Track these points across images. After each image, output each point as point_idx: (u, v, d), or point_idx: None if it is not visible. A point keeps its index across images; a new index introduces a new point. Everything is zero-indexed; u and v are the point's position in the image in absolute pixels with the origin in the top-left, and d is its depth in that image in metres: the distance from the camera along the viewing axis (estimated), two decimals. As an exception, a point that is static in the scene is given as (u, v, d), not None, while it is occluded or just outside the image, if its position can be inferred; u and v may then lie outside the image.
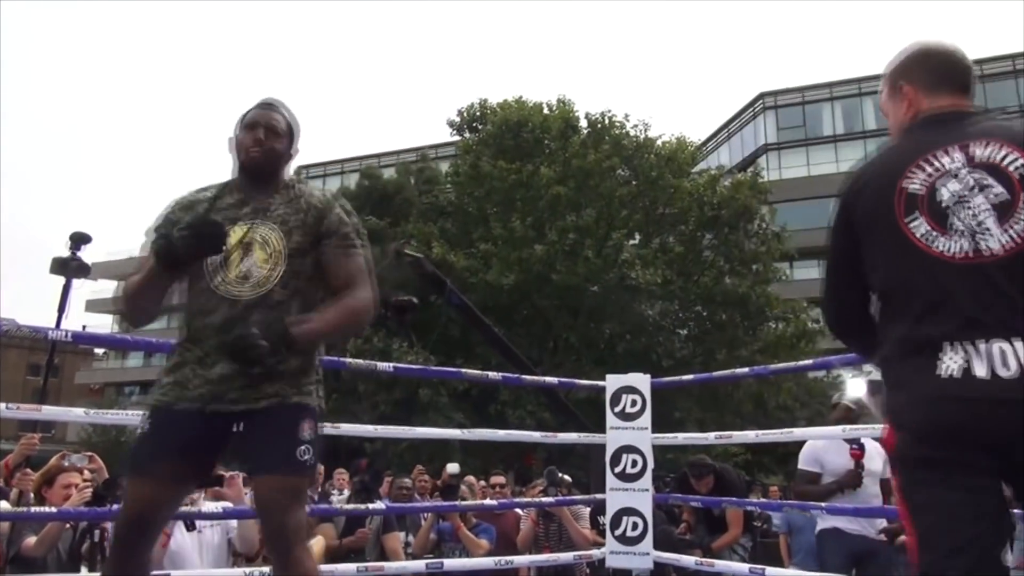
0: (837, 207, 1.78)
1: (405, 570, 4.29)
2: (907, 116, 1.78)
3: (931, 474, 1.50)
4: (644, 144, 18.90)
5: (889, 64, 1.86)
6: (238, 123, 2.31)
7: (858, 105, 32.56)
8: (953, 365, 1.49)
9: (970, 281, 1.53)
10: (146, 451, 2.12)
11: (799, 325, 18.21)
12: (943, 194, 1.59)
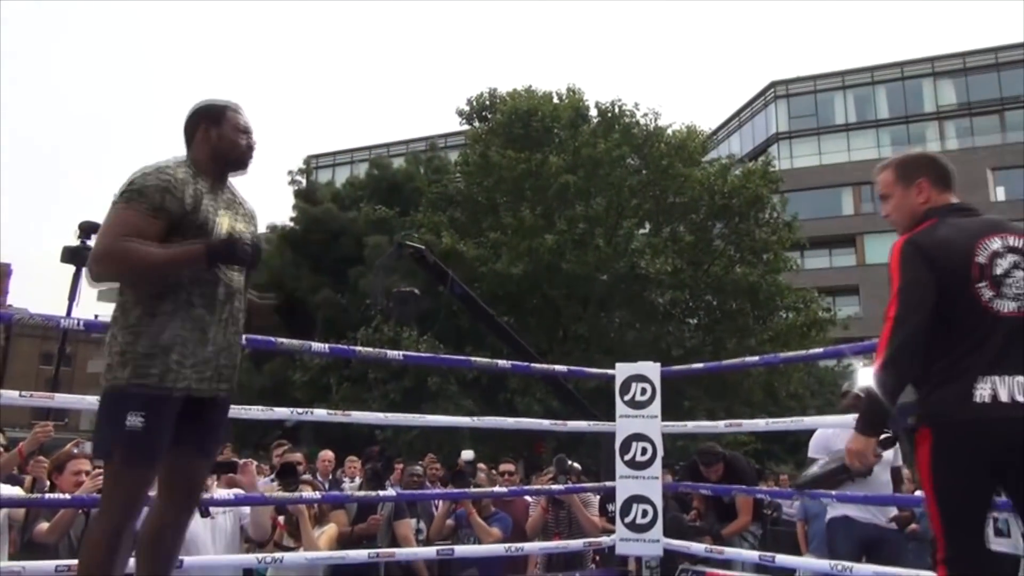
0: (919, 252, 2.20)
1: (416, 556, 4.32)
2: (921, 203, 2.35)
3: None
4: (654, 133, 18.80)
5: (899, 160, 2.45)
6: (219, 118, 2.45)
7: (870, 94, 32.32)
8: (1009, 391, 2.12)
9: (1008, 332, 2.14)
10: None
11: (810, 314, 18.13)
12: (998, 269, 2.18)
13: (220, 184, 2.45)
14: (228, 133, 2.44)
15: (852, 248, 30.56)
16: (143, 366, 2.21)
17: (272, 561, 3.63)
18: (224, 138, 2.43)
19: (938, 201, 2.34)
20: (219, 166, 2.44)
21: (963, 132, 30.77)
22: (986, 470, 2.12)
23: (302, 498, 3.91)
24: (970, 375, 2.11)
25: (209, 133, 2.42)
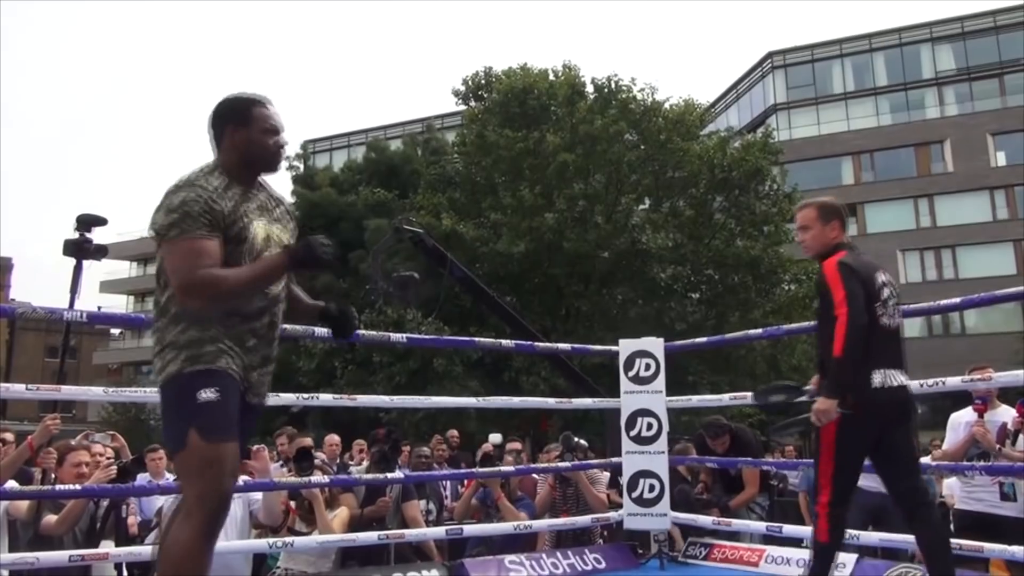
0: (852, 271, 2.96)
1: (425, 536, 4.36)
2: (833, 237, 3.16)
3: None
4: (651, 108, 18.70)
5: (819, 203, 3.24)
6: (246, 119, 2.32)
7: (868, 61, 32.07)
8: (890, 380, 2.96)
9: (894, 341, 3.06)
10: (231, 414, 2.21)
11: (812, 286, 18.11)
12: (884, 295, 3.03)
13: (252, 187, 2.35)
14: (256, 137, 2.31)
15: (853, 218, 30.43)
16: (196, 351, 2.16)
17: (284, 545, 3.66)
18: (253, 143, 2.31)
19: (842, 238, 3.17)
20: (250, 171, 2.34)
21: (963, 97, 30.54)
22: (873, 435, 2.98)
23: (311, 482, 3.93)
24: (868, 368, 2.90)
25: (236, 137, 2.31)
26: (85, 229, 3.48)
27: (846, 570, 3.48)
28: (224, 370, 2.17)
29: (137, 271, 44.05)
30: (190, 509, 2.05)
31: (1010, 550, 3.21)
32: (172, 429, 2.17)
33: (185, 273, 2.14)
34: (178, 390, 2.16)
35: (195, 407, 2.10)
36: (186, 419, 2.11)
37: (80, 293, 3.52)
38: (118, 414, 30.47)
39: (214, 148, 2.35)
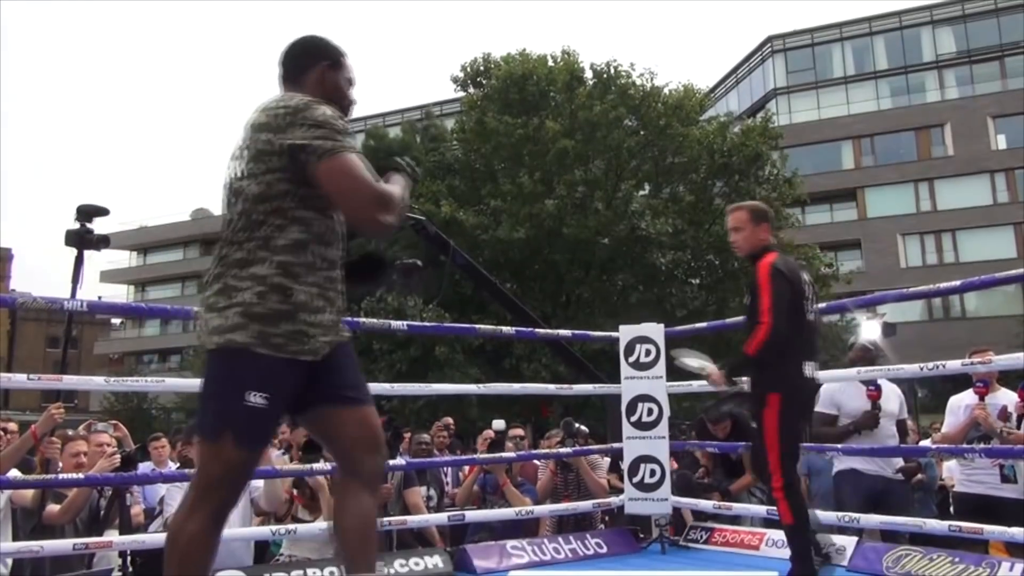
0: (782, 274, 3.17)
1: (427, 522, 4.38)
2: (763, 239, 3.36)
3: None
4: (651, 93, 18.62)
5: (751, 206, 3.49)
6: (339, 63, 2.23)
7: (869, 45, 31.91)
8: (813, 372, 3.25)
9: (815, 335, 3.31)
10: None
11: (812, 270, 18.12)
12: (808, 294, 3.29)
13: None
14: (343, 84, 2.21)
15: (853, 202, 30.41)
16: (270, 327, 1.91)
17: (286, 533, 3.68)
18: (339, 88, 2.20)
19: (770, 239, 3.40)
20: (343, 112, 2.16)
21: (963, 80, 30.40)
22: (804, 420, 3.36)
23: (312, 470, 3.95)
24: (800, 359, 3.19)
25: (326, 76, 2.17)
26: (86, 219, 3.48)
27: (846, 553, 3.50)
28: (292, 359, 1.94)
29: (137, 260, 44.05)
30: (199, 498, 1.93)
31: (1010, 532, 3.22)
32: (209, 417, 1.96)
33: (369, 186, 1.95)
34: (229, 372, 1.93)
35: (239, 409, 1.89)
36: (226, 420, 1.92)
37: (82, 283, 3.52)
38: (120, 404, 30.57)
39: (290, 79, 2.17)
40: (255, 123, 2.01)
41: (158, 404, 31.21)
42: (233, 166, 2.03)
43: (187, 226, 42.56)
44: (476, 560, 3.60)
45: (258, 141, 1.97)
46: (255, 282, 1.93)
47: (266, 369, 1.91)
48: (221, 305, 1.93)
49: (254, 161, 1.97)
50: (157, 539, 3.39)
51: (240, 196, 1.98)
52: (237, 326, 1.90)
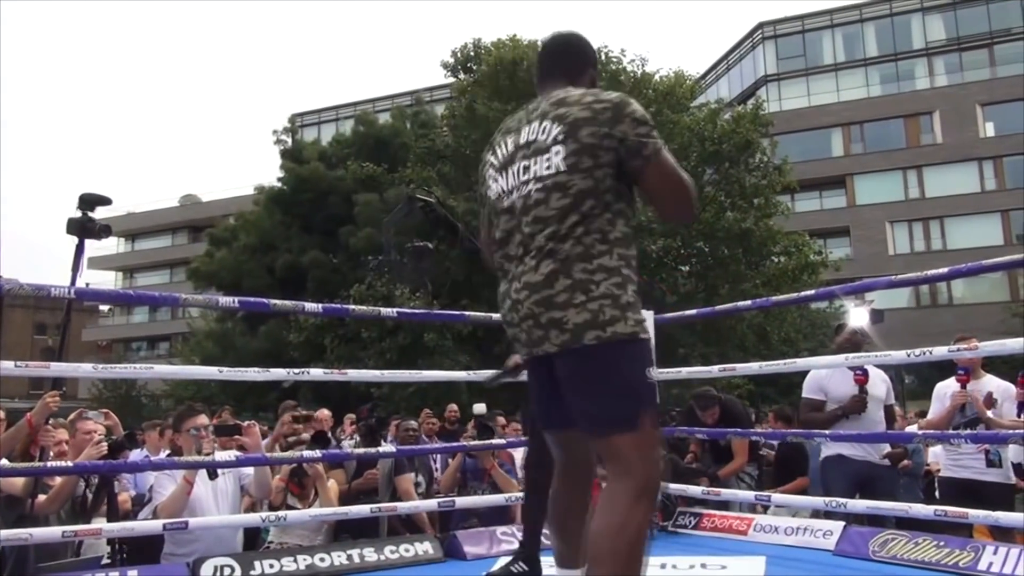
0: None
1: (418, 509, 4.39)
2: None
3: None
4: (641, 80, 18.60)
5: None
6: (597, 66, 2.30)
7: (859, 32, 31.93)
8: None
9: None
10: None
11: (801, 258, 18.18)
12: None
13: None
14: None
15: (842, 189, 30.52)
16: (636, 315, 1.93)
17: (276, 520, 3.69)
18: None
19: None
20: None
21: (952, 68, 30.48)
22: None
23: (302, 457, 3.95)
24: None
25: (595, 80, 2.20)
26: (88, 208, 3.48)
27: (833, 537, 3.53)
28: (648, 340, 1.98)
29: (125, 247, 43.80)
30: (641, 492, 1.86)
31: (994, 515, 3.26)
32: (619, 404, 1.89)
33: (689, 185, 2.02)
34: (630, 358, 1.91)
35: (649, 387, 1.92)
36: (639, 399, 1.90)
37: (82, 271, 3.52)
38: (108, 391, 30.45)
39: (568, 76, 2.14)
40: (570, 117, 1.95)
41: (147, 391, 31.11)
42: (538, 160, 1.97)
43: (175, 212, 42.32)
44: (466, 546, 3.61)
45: (582, 135, 1.92)
46: (608, 274, 1.91)
47: (649, 352, 1.98)
48: (579, 300, 1.88)
49: (579, 155, 1.92)
50: (145, 526, 3.39)
51: (563, 190, 1.92)
52: (615, 318, 1.89)
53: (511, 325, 2.04)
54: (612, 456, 1.91)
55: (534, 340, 1.97)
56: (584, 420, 1.97)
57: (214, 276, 22.89)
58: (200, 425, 3.69)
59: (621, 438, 1.89)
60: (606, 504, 1.88)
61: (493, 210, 2.10)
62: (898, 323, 18.55)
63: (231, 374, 3.76)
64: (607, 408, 1.91)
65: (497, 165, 2.10)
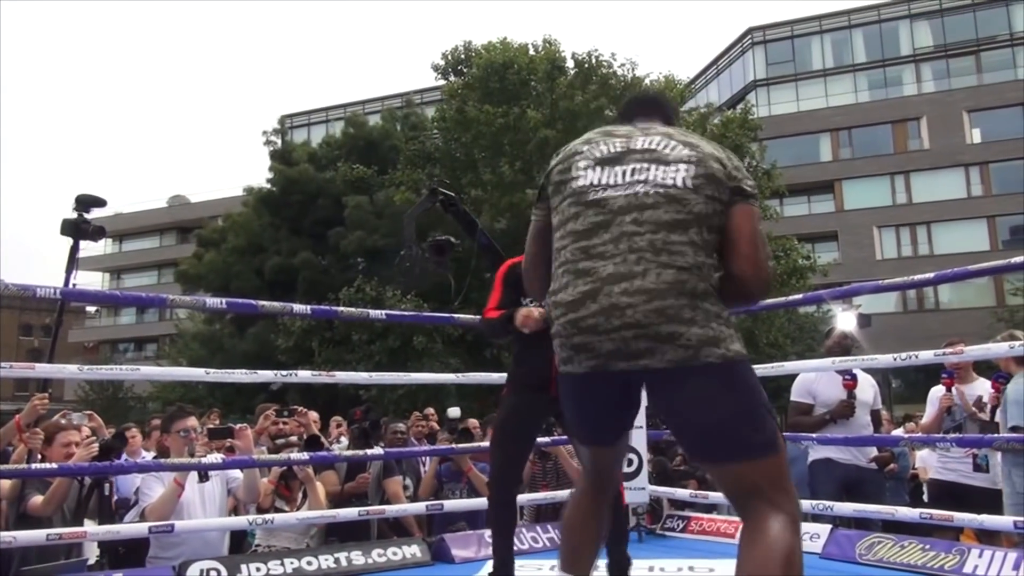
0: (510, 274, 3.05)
1: (406, 512, 4.37)
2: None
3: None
4: (632, 83, 18.66)
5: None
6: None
7: (848, 38, 32.13)
8: None
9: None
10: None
11: (790, 262, 18.27)
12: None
13: None
14: None
15: (831, 194, 30.69)
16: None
17: (264, 523, 3.67)
18: None
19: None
20: None
21: (939, 74, 30.72)
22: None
23: (290, 459, 3.93)
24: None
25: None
26: (83, 209, 3.48)
27: (820, 540, 3.54)
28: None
29: (113, 248, 43.50)
30: (796, 520, 1.79)
31: (979, 519, 3.28)
32: (761, 426, 1.80)
33: (769, 254, 1.98)
34: (754, 377, 1.86)
35: (770, 407, 1.86)
36: (770, 419, 1.83)
37: (76, 272, 3.52)
38: (95, 393, 30.23)
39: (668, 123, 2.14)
40: (700, 147, 1.93)
41: (133, 393, 30.90)
42: (659, 167, 1.89)
43: (163, 213, 42.10)
44: (455, 550, 3.61)
45: (711, 165, 1.88)
46: (716, 296, 1.85)
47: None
48: (698, 317, 1.79)
49: (705, 180, 1.86)
50: (131, 529, 3.37)
51: (681, 204, 1.84)
52: (733, 337, 1.83)
53: (593, 332, 1.81)
54: (747, 484, 1.80)
55: (631, 352, 1.79)
56: (704, 444, 1.86)
57: (202, 278, 22.79)
58: (190, 427, 3.67)
59: (765, 462, 1.80)
60: (764, 535, 1.74)
61: (575, 200, 1.93)
62: (885, 327, 18.64)
63: (218, 376, 3.75)
64: (744, 432, 1.80)
65: (596, 158, 1.95)
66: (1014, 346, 3.47)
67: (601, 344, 1.81)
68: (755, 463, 1.79)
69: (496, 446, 3.02)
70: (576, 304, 1.83)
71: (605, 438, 2.06)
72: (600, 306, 1.80)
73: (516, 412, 2.95)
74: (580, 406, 1.99)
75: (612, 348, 1.80)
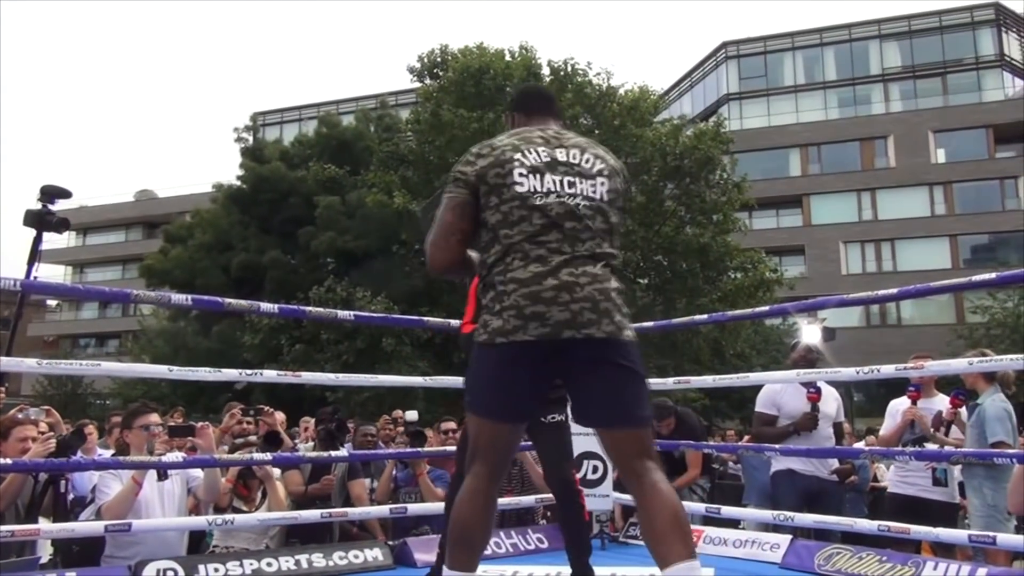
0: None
1: (369, 515, 4.34)
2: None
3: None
4: (606, 93, 18.74)
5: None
6: None
7: (819, 55, 32.68)
8: None
9: None
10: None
11: (757, 275, 18.47)
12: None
13: None
14: None
15: (799, 209, 31.13)
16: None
17: (223, 523, 3.61)
18: None
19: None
20: None
21: (907, 94, 31.36)
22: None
23: (252, 459, 3.88)
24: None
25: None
26: (48, 200, 3.42)
27: (780, 550, 3.58)
28: None
29: (76, 241, 42.69)
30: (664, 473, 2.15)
31: (935, 532, 3.34)
32: (646, 399, 2.17)
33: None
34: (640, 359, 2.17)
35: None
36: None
37: (38, 264, 3.45)
38: (53, 388, 29.61)
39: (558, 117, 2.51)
40: (608, 161, 2.32)
41: (93, 390, 30.32)
42: (584, 181, 2.23)
43: (130, 207, 41.43)
44: (417, 553, 3.59)
45: (617, 181, 2.31)
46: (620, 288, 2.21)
47: None
48: (621, 301, 2.16)
49: (616, 195, 2.28)
50: (87, 527, 3.30)
51: (604, 216, 2.23)
52: (629, 325, 2.16)
53: (550, 303, 2.07)
54: (646, 446, 2.13)
55: (580, 322, 2.06)
56: (619, 410, 2.11)
57: (168, 274, 22.44)
58: (152, 423, 3.61)
59: (647, 431, 2.16)
60: (665, 487, 2.06)
61: (521, 204, 2.18)
62: (849, 341, 18.96)
63: (182, 373, 3.69)
64: (642, 402, 2.14)
65: (529, 166, 2.21)
66: (973, 362, 3.54)
67: (555, 314, 2.06)
68: (646, 430, 2.14)
69: (461, 455, 3.05)
70: (533, 280, 2.09)
71: (522, 413, 2.21)
72: (558, 282, 2.08)
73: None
74: (512, 377, 2.13)
75: (564, 318, 2.06)
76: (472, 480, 2.18)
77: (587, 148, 2.30)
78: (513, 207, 2.18)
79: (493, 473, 2.20)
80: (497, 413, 2.17)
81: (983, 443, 3.96)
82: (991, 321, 20.77)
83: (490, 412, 2.17)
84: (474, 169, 2.25)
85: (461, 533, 2.16)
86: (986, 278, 3.21)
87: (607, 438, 2.16)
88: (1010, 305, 20.52)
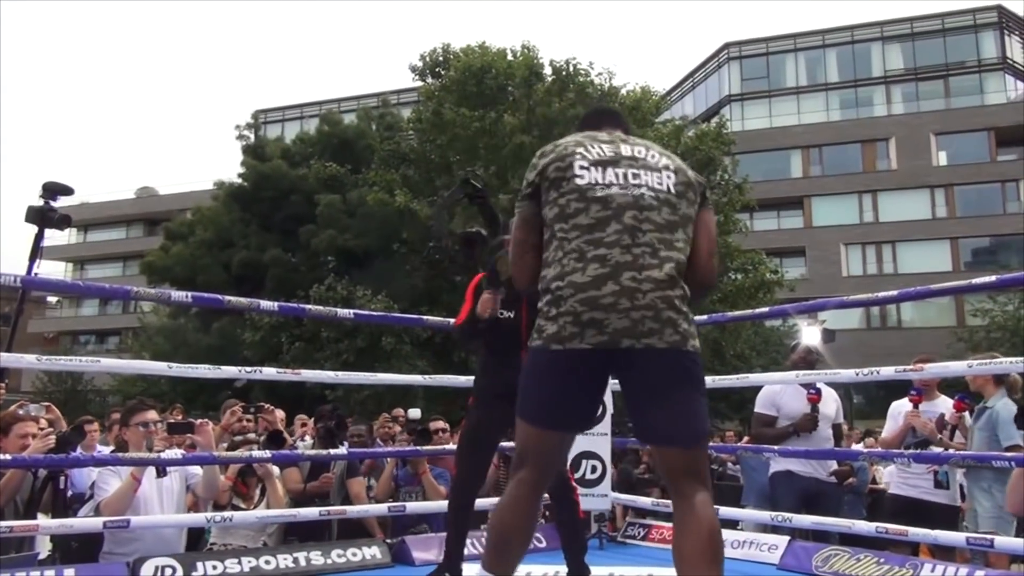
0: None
1: (367, 513, 4.34)
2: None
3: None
4: (608, 93, 18.74)
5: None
6: None
7: (821, 57, 32.65)
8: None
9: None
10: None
11: (758, 276, 18.46)
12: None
13: None
14: None
15: (800, 210, 31.11)
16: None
17: (221, 520, 3.62)
18: None
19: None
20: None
21: (909, 96, 31.33)
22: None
23: (252, 457, 3.88)
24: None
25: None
26: (50, 197, 3.42)
27: (778, 551, 3.58)
28: None
29: (77, 238, 42.67)
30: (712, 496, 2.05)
31: (932, 534, 3.34)
32: (704, 417, 2.04)
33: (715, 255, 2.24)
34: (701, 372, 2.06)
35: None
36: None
37: (39, 261, 3.45)
38: (53, 385, 29.61)
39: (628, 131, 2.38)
40: (675, 158, 2.23)
41: (93, 386, 30.31)
42: (650, 173, 2.13)
43: (131, 204, 41.42)
44: (415, 552, 3.59)
45: (689, 173, 2.20)
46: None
47: None
48: (686, 309, 2.04)
49: (686, 187, 2.16)
50: (86, 524, 3.30)
51: (672, 208, 2.10)
52: (695, 335, 2.05)
53: (609, 309, 1.96)
54: (695, 466, 2.00)
55: (641, 331, 1.96)
56: (673, 428, 2.00)
57: (168, 271, 22.42)
58: (150, 420, 3.61)
59: (702, 451, 2.04)
60: (706, 510, 1.97)
61: (579, 197, 2.07)
62: (848, 343, 18.93)
63: (181, 370, 3.70)
64: (698, 419, 2.02)
65: (592, 159, 2.12)
66: (972, 364, 3.55)
67: (614, 321, 1.96)
68: (698, 450, 2.02)
69: (462, 455, 3.11)
70: (591, 285, 1.98)
71: (572, 421, 2.13)
72: (619, 287, 1.97)
73: (482, 424, 3.06)
74: (565, 385, 2.04)
75: (623, 326, 1.96)
76: (516, 487, 2.09)
77: (652, 146, 2.23)
78: (571, 199, 2.08)
79: (539, 481, 2.11)
80: (547, 421, 2.07)
81: (994, 445, 3.93)
82: (991, 324, 20.75)
83: (540, 420, 2.07)
84: (536, 171, 2.18)
85: (500, 539, 2.11)
86: (986, 281, 3.21)
87: (657, 451, 2.09)
88: (1010, 308, 20.49)
